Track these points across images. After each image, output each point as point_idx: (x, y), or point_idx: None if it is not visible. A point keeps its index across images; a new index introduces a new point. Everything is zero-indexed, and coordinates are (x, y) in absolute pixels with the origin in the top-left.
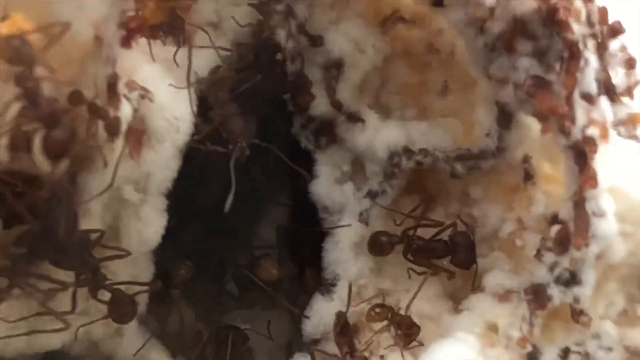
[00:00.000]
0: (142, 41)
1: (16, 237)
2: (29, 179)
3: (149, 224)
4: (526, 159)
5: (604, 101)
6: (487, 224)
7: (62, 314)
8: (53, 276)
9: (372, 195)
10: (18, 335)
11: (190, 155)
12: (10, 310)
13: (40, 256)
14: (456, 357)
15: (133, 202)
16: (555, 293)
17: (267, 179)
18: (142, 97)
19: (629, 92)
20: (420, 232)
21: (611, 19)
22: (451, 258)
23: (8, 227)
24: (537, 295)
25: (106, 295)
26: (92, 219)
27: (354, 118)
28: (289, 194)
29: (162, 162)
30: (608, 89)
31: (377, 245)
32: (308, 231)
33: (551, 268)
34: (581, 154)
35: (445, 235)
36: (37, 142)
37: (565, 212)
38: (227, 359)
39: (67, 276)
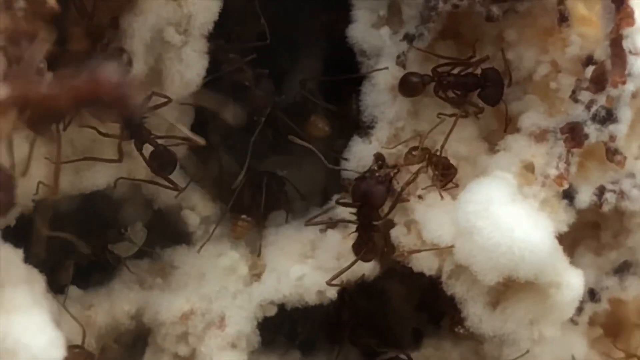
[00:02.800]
0: None
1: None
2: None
3: (191, 66)
4: (561, 1)
5: None
6: (522, 67)
7: (109, 160)
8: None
9: (408, 38)
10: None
11: None
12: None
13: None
14: (494, 194)
15: (175, 44)
16: (592, 131)
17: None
18: None
19: None
20: None
21: None
22: (479, 92)
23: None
24: (573, 134)
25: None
26: (135, 62)
27: None
28: (325, 42)
29: (204, 3)
30: None
31: (408, 86)
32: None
33: (587, 106)
34: None
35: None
36: None
37: (601, 52)
38: (263, 202)
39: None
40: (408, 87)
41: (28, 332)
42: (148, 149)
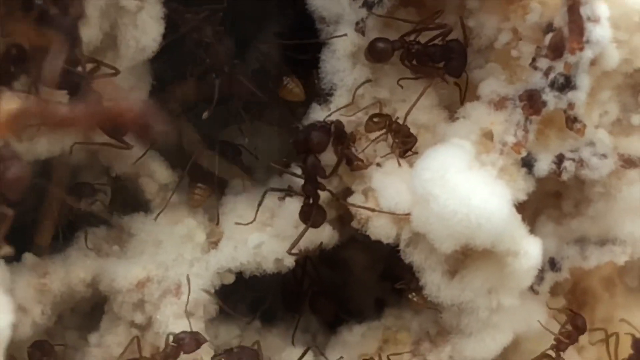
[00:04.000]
0: None
1: None
2: None
3: (147, 32)
4: None
5: None
6: (483, 35)
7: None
8: None
9: (368, 5)
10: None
11: None
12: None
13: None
14: (451, 161)
15: (130, 9)
16: (550, 98)
17: None
18: None
19: None
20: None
21: None
22: (445, 64)
23: None
24: (531, 101)
25: None
26: (89, 27)
27: None
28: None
29: None
30: None
31: (376, 51)
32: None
33: (546, 73)
34: None
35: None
36: None
37: (560, 18)
38: (216, 169)
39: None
40: (376, 52)
41: None
42: None
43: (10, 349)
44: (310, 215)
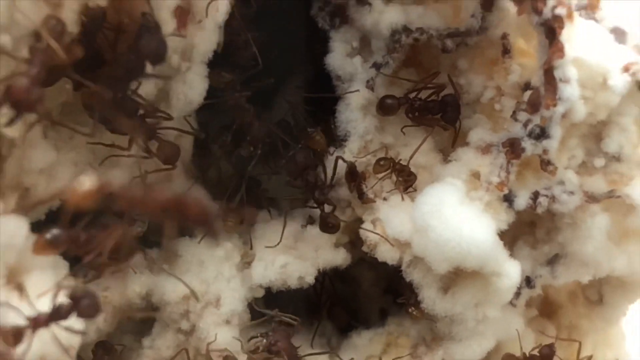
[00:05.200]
0: None
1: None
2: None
3: (193, 88)
4: (504, 36)
5: None
6: (471, 91)
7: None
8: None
9: (376, 66)
10: None
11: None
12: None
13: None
14: (445, 197)
15: (180, 69)
16: (528, 145)
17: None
18: None
19: None
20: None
21: None
22: (442, 115)
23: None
24: (513, 147)
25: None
26: (147, 83)
27: (363, 1)
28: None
29: (205, 35)
30: None
31: (386, 106)
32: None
33: (525, 124)
34: (551, 30)
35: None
36: None
37: (537, 79)
38: (245, 199)
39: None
40: (386, 107)
41: None
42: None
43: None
44: (327, 223)
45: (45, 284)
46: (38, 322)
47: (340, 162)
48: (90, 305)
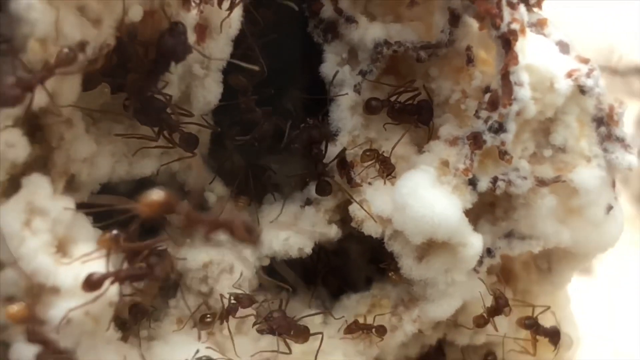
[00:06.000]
0: None
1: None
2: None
3: (211, 91)
4: (468, 48)
5: (522, 8)
6: (441, 94)
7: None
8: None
9: (362, 73)
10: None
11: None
12: (116, 148)
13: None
14: (420, 181)
15: (199, 75)
16: (488, 138)
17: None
18: (205, 2)
19: (538, 4)
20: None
21: None
22: (417, 116)
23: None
24: (475, 140)
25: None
26: (172, 87)
27: (351, 20)
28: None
29: (220, 47)
30: (524, 0)
31: (371, 107)
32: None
33: (485, 121)
34: (507, 42)
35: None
36: None
37: (495, 83)
38: (252, 186)
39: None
40: (371, 108)
41: None
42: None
43: (116, 310)
44: (325, 187)
45: (89, 251)
46: (118, 277)
47: (332, 153)
48: (162, 269)
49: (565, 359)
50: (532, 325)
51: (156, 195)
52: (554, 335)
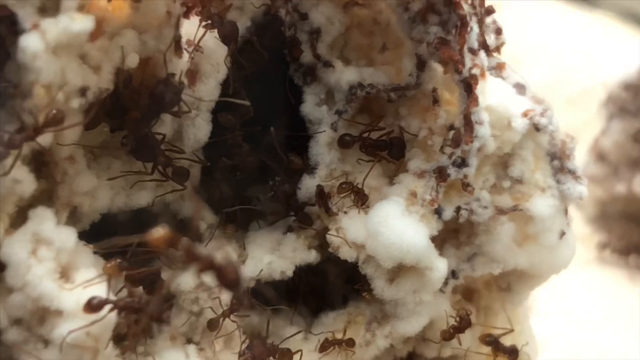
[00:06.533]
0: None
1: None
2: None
3: (201, 130)
4: (434, 90)
5: (482, 54)
6: (410, 131)
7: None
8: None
9: (338, 112)
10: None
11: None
12: (115, 181)
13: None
14: (391, 211)
15: (190, 115)
16: (452, 172)
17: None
18: (196, 49)
19: (497, 49)
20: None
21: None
22: (388, 152)
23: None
24: (441, 174)
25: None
26: (164, 125)
27: (328, 64)
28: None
29: (209, 90)
30: (484, 46)
31: (344, 142)
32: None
33: (450, 156)
34: (468, 85)
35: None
36: None
37: (458, 122)
38: (238, 214)
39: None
40: (344, 143)
41: None
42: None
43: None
44: (306, 220)
45: (89, 277)
46: (117, 305)
47: (311, 185)
48: (156, 306)
49: None
50: (492, 342)
51: (162, 231)
52: (512, 353)
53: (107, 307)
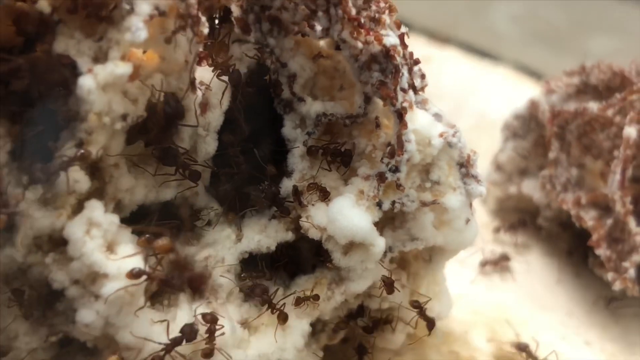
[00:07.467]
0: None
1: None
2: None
3: (210, 145)
4: (377, 118)
5: (411, 92)
6: (360, 147)
7: (176, 179)
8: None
9: (309, 133)
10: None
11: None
12: (148, 181)
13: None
14: (345, 203)
15: (202, 135)
16: (389, 176)
17: (262, 129)
18: (207, 89)
19: (422, 89)
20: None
21: (417, 55)
22: (341, 159)
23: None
24: (380, 177)
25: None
26: (184, 142)
27: (301, 99)
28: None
29: (215, 117)
30: (413, 87)
31: (311, 151)
32: (280, 150)
33: (387, 165)
34: (400, 115)
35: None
36: None
37: (393, 141)
38: (237, 206)
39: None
40: (311, 151)
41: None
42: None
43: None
44: (286, 210)
45: (128, 251)
46: (151, 276)
47: (289, 185)
48: (180, 280)
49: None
50: (417, 307)
51: (165, 240)
52: (430, 322)
53: (144, 277)
